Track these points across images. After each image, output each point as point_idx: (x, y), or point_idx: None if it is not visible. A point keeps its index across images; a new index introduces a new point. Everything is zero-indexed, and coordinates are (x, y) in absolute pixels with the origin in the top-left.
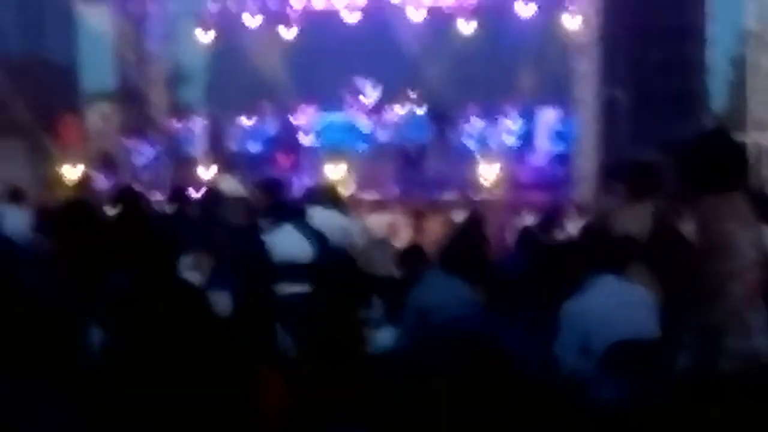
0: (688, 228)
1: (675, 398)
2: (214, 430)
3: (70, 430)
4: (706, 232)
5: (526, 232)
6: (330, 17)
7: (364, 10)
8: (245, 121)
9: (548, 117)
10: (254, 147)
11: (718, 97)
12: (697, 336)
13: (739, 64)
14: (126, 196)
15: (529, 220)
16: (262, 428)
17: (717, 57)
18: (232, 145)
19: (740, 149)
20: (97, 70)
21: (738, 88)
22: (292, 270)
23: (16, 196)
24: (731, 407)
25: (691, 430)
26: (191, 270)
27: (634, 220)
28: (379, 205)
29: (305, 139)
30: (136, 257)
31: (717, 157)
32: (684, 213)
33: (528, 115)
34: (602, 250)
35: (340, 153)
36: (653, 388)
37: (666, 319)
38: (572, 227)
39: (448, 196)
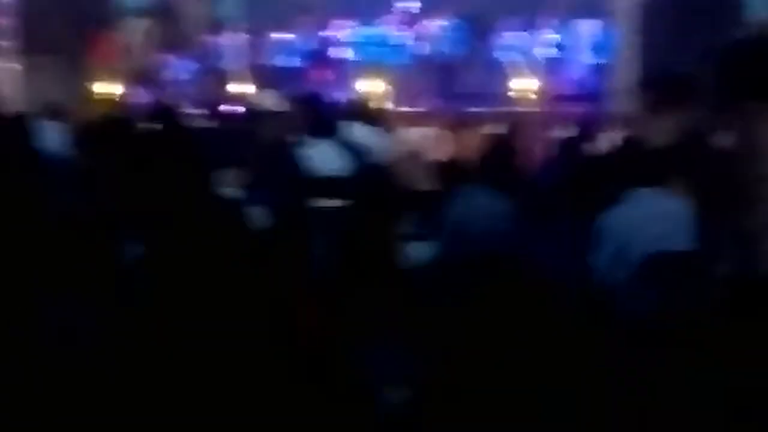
0: (722, 138)
1: (711, 309)
2: (251, 347)
3: (105, 341)
4: (743, 137)
5: (566, 143)
6: None
7: None
8: (282, 36)
9: (587, 28)
10: (291, 61)
11: (761, 8)
12: (735, 241)
13: None
14: (163, 112)
15: (567, 132)
16: (298, 344)
17: None
18: (270, 60)
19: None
20: None
21: None
22: (329, 185)
23: (56, 112)
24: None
25: (725, 340)
26: (229, 185)
27: (663, 130)
28: (416, 119)
29: (342, 53)
30: (174, 173)
31: (755, 64)
32: (717, 123)
33: (566, 26)
34: (639, 162)
35: (376, 67)
36: (688, 299)
37: (704, 231)
38: (612, 139)
39: (486, 108)
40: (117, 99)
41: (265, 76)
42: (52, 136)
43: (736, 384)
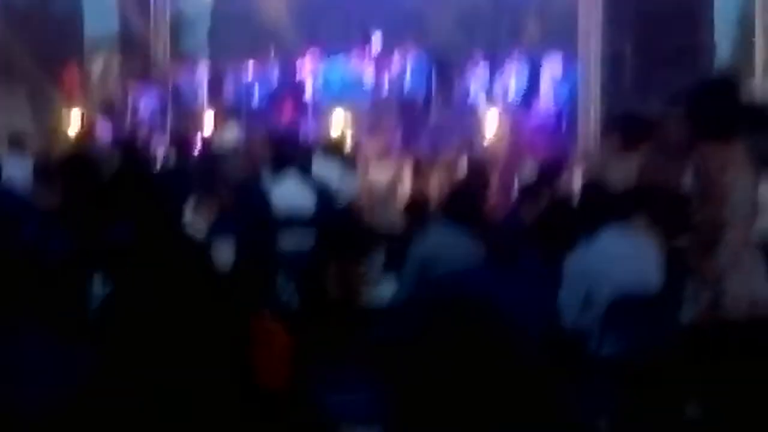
0: (683, 178)
1: (678, 350)
2: (214, 382)
3: (70, 380)
4: (704, 180)
5: (528, 184)
6: None
7: None
8: (249, 69)
9: (553, 66)
10: (258, 96)
11: (723, 51)
12: (699, 283)
13: (745, 19)
14: (127, 145)
15: (532, 170)
16: (261, 380)
17: (723, 9)
18: (236, 94)
19: (741, 97)
20: (99, 16)
21: (744, 41)
22: (295, 221)
23: (17, 143)
24: (733, 358)
25: (692, 381)
26: (193, 220)
27: (627, 170)
28: (382, 156)
29: (309, 88)
30: (137, 208)
31: (717, 105)
32: (680, 163)
33: (532, 65)
34: (604, 202)
35: (343, 102)
36: (657, 340)
37: (669, 270)
38: (576, 177)
39: (452, 146)
40: (81, 131)
41: (230, 109)
42: (15, 169)
43: (702, 426)
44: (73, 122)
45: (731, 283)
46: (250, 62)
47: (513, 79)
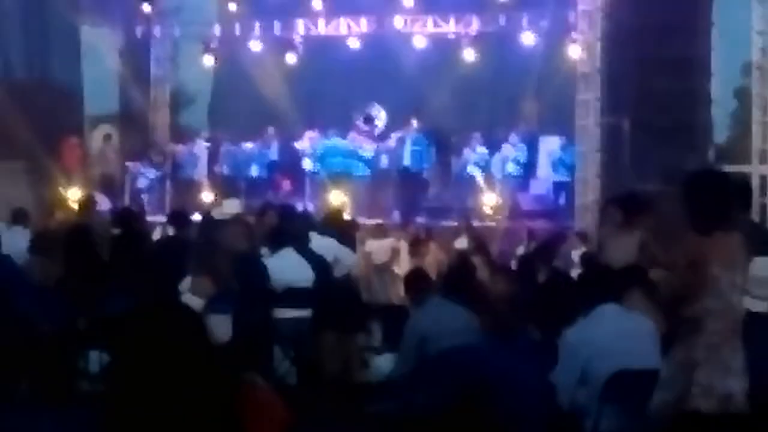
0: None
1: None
2: None
3: None
4: (689, 269)
5: (524, 261)
6: (334, 43)
7: (368, 37)
8: (248, 145)
9: (550, 145)
10: (256, 171)
11: (722, 129)
12: (674, 370)
13: (743, 97)
14: (126, 219)
15: (530, 247)
16: None
17: (721, 89)
18: (235, 169)
19: (730, 192)
20: (100, 93)
21: (742, 120)
22: (292, 295)
23: (19, 217)
24: None
25: None
26: (191, 293)
27: (625, 248)
28: (380, 231)
29: (307, 164)
30: (135, 281)
31: (706, 201)
32: (673, 245)
33: (530, 143)
34: (602, 279)
35: (342, 178)
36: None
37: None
38: (574, 255)
39: (450, 222)
40: (82, 205)
41: (229, 185)
42: (15, 242)
43: None
44: (72, 197)
45: (704, 376)
46: (250, 139)
47: (512, 157)
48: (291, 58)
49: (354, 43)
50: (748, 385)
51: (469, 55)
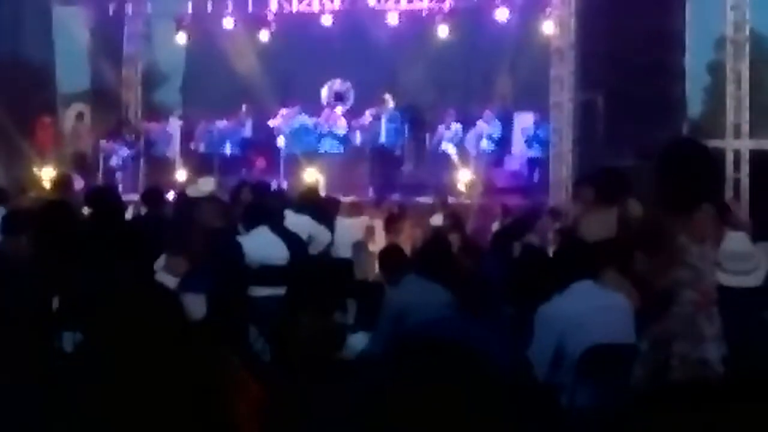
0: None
1: (636, 404)
2: None
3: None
4: (662, 243)
5: (498, 237)
6: (306, 20)
7: (341, 13)
8: (222, 123)
9: (525, 121)
10: (230, 149)
11: (695, 104)
12: (651, 344)
13: (717, 71)
14: (99, 198)
15: (505, 223)
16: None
17: (695, 63)
18: (209, 147)
19: (701, 175)
20: (72, 71)
21: (716, 94)
22: (268, 273)
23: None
24: (678, 416)
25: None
26: (165, 272)
27: (600, 224)
28: (354, 208)
29: (281, 142)
30: (109, 260)
31: (678, 183)
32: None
33: (504, 120)
34: (576, 256)
35: (315, 156)
36: (628, 392)
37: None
38: (548, 232)
39: (425, 199)
40: (55, 183)
41: (201, 163)
42: None
43: None
44: (46, 176)
45: (680, 346)
46: (224, 116)
47: (486, 133)
48: (264, 36)
49: (327, 20)
50: (725, 352)
51: (442, 31)
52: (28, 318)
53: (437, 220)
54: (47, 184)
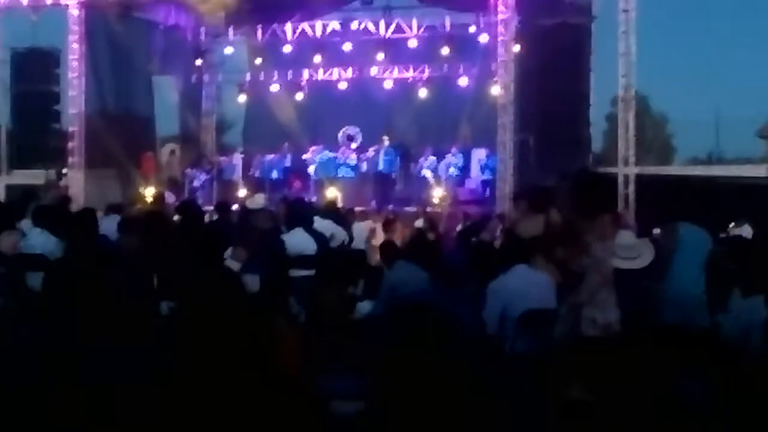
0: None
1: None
2: (245, 375)
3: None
4: (575, 239)
5: (461, 234)
6: (329, 85)
7: (353, 80)
8: (270, 156)
9: (479, 155)
10: (276, 174)
11: (597, 142)
12: (568, 309)
13: (612, 120)
14: (185, 209)
15: (465, 225)
16: (281, 372)
17: (597, 114)
18: (261, 173)
19: (601, 192)
20: (167, 121)
21: (611, 136)
22: (302, 260)
23: (113, 208)
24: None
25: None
26: (232, 259)
27: (532, 226)
28: (362, 215)
29: (311, 170)
30: (193, 251)
31: (585, 198)
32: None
33: (465, 154)
34: (515, 248)
35: (335, 179)
36: (552, 343)
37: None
38: (496, 231)
39: (411, 209)
40: (154, 199)
41: (256, 185)
42: (110, 226)
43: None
44: (148, 194)
45: (588, 312)
46: (272, 152)
47: (452, 163)
48: (299, 96)
49: (343, 85)
50: (619, 315)
51: (422, 92)
52: (138, 292)
53: (419, 223)
54: (149, 200)
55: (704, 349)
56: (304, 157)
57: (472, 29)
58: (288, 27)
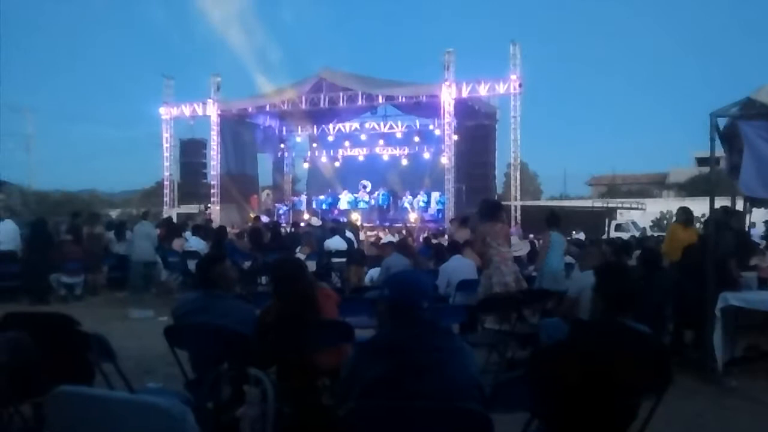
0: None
1: (478, 305)
2: (308, 314)
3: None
4: (484, 240)
5: (426, 239)
6: (353, 156)
7: (366, 155)
8: (321, 197)
9: (435, 196)
10: (325, 206)
11: (499, 188)
12: (485, 279)
13: (508, 178)
14: (274, 225)
15: (428, 235)
16: (324, 313)
17: (498, 173)
18: (317, 206)
19: (497, 210)
20: (264, 177)
21: (506, 185)
22: (337, 253)
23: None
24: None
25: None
26: (300, 253)
27: (463, 234)
28: (371, 228)
29: (342, 204)
30: (278, 248)
31: (489, 210)
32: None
33: (428, 195)
34: (454, 246)
35: (356, 209)
36: (475, 299)
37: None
38: (444, 237)
39: (398, 226)
40: (255, 219)
41: (313, 212)
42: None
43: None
44: (252, 216)
45: (496, 278)
46: (323, 194)
47: (420, 200)
48: (337, 164)
49: (360, 158)
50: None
51: (404, 161)
52: (244, 272)
53: (403, 233)
54: (254, 220)
55: (561, 301)
56: (339, 196)
57: (431, 127)
58: (331, 126)
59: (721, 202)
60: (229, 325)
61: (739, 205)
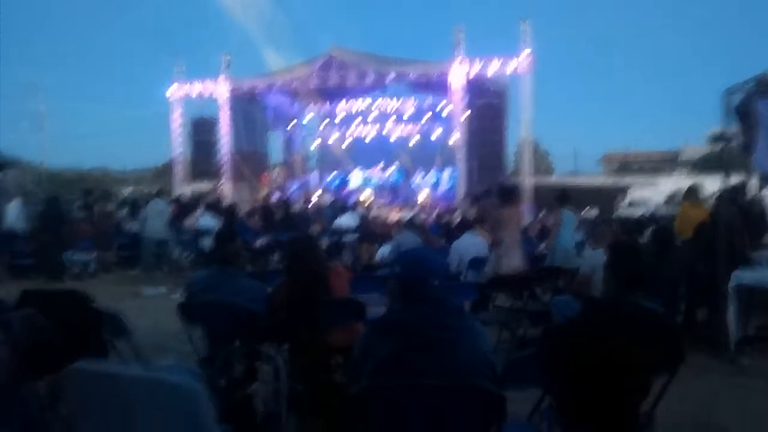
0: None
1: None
2: (320, 290)
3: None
4: (496, 220)
5: (437, 217)
6: (363, 137)
7: (376, 134)
8: (333, 174)
9: (447, 172)
10: (336, 184)
11: (511, 165)
12: (494, 258)
13: (519, 154)
14: (283, 203)
15: (440, 212)
16: (335, 290)
17: (510, 148)
18: (329, 184)
19: (512, 195)
20: (275, 154)
21: (517, 162)
22: (349, 230)
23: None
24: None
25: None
26: (312, 230)
27: (473, 212)
28: (384, 206)
29: (354, 182)
30: (288, 227)
31: (505, 195)
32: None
33: (440, 172)
34: (466, 223)
35: (368, 187)
36: (485, 277)
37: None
38: (457, 215)
39: (410, 203)
40: (265, 197)
41: (325, 189)
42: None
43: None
44: (263, 194)
45: (505, 260)
46: (335, 172)
47: (432, 177)
48: (348, 142)
49: (371, 136)
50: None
51: (415, 139)
52: (255, 251)
53: (415, 208)
54: (264, 198)
55: (572, 279)
56: (349, 176)
57: (442, 105)
58: (342, 104)
59: (735, 180)
60: (241, 303)
61: (754, 183)
